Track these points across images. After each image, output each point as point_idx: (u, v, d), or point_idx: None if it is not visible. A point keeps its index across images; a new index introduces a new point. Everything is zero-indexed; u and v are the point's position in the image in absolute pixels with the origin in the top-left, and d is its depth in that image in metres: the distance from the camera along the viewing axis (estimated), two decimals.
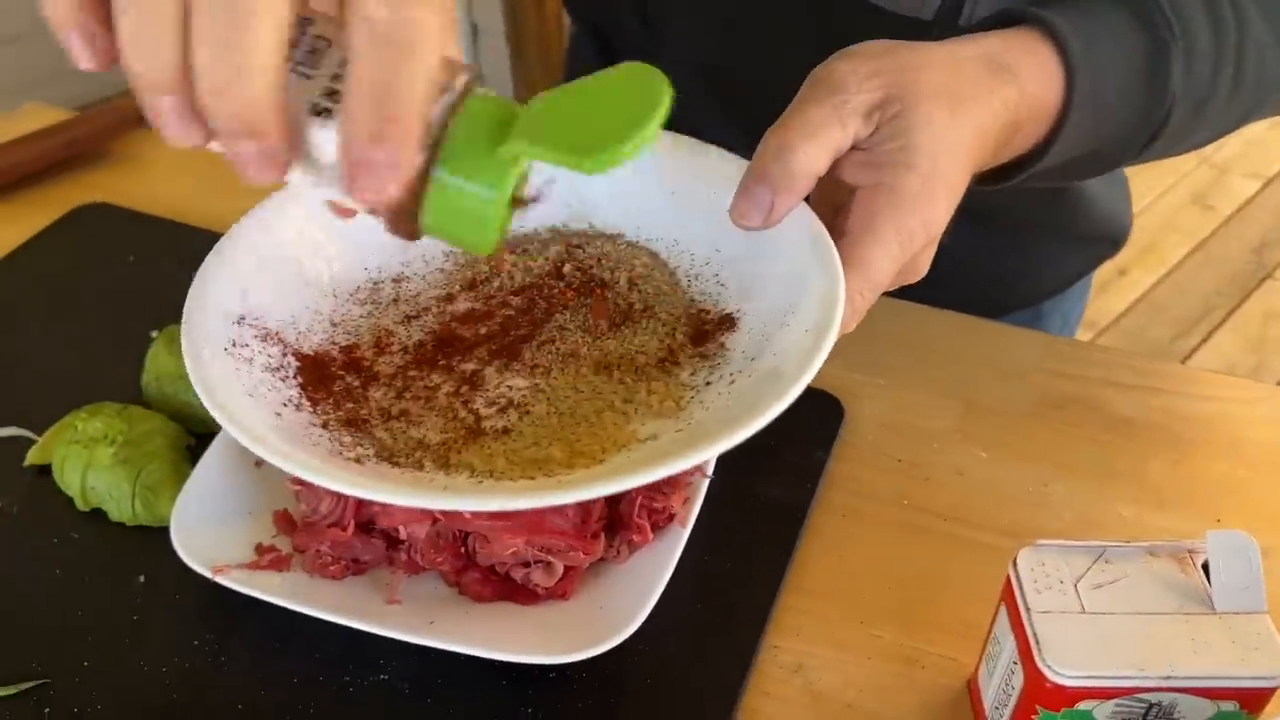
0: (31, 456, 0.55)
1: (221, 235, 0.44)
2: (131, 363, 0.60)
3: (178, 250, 0.71)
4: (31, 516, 0.53)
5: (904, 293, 0.53)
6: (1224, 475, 0.56)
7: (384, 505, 0.49)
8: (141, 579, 0.51)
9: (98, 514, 0.53)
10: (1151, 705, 0.38)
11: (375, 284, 0.48)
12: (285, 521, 0.51)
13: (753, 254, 0.44)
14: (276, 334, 0.44)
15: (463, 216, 0.33)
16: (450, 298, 0.48)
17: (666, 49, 0.70)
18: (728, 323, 0.45)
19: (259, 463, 0.54)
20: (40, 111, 0.83)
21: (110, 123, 0.79)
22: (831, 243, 0.41)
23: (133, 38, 0.29)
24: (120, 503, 0.52)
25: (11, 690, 0.46)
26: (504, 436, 0.42)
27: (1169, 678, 0.37)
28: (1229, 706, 0.38)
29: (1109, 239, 0.77)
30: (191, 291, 0.43)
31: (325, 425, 0.42)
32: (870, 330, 0.48)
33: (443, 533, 0.49)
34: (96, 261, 0.70)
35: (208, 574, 0.47)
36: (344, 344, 0.46)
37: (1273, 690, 0.37)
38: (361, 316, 0.47)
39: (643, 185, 0.48)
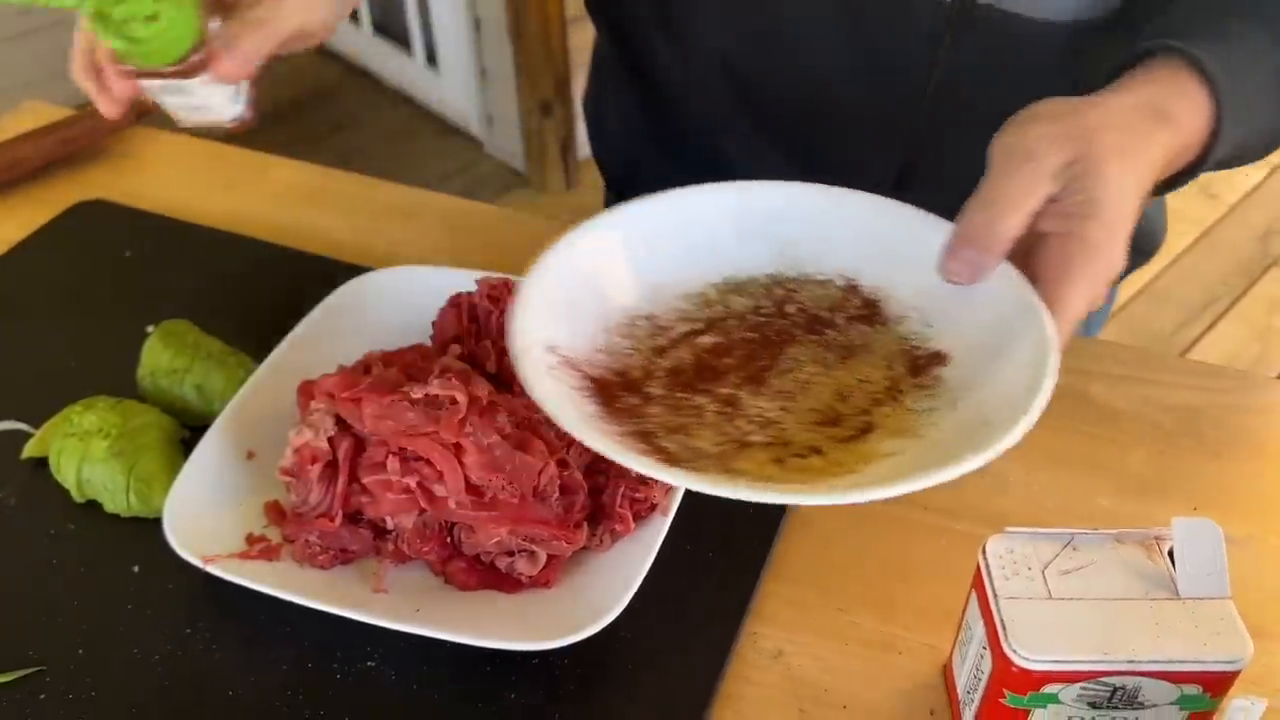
0: (29, 449, 0.57)
1: (215, 231, 0.45)
2: (128, 358, 0.61)
3: (173, 247, 0.73)
4: (28, 508, 0.55)
5: None
6: (1204, 465, 0.56)
7: (371, 497, 0.50)
8: (136, 569, 0.52)
9: (93, 505, 0.54)
10: (1116, 689, 0.38)
11: (633, 320, 0.53)
12: (275, 512, 0.52)
13: (956, 298, 0.49)
14: (570, 360, 0.48)
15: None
16: (695, 333, 0.53)
17: (692, 58, 0.71)
18: (939, 358, 0.50)
19: (250, 454, 0.55)
20: (38, 109, 0.84)
21: (107, 121, 0.80)
22: (1034, 291, 0.46)
23: None
24: (115, 494, 0.53)
25: (9, 677, 0.47)
26: (769, 448, 0.46)
27: (1132, 661, 0.38)
28: (1192, 690, 0.38)
29: (1141, 251, 0.78)
30: (517, 319, 0.47)
31: (622, 437, 0.46)
32: None
33: (429, 523, 0.50)
34: (93, 258, 0.71)
35: (199, 564, 0.49)
36: (618, 370, 0.50)
37: (1235, 674, 0.38)
38: (626, 348, 0.51)
39: (852, 238, 0.54)
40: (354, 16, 2.60)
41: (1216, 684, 0.38)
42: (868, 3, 0.61)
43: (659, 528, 0.50)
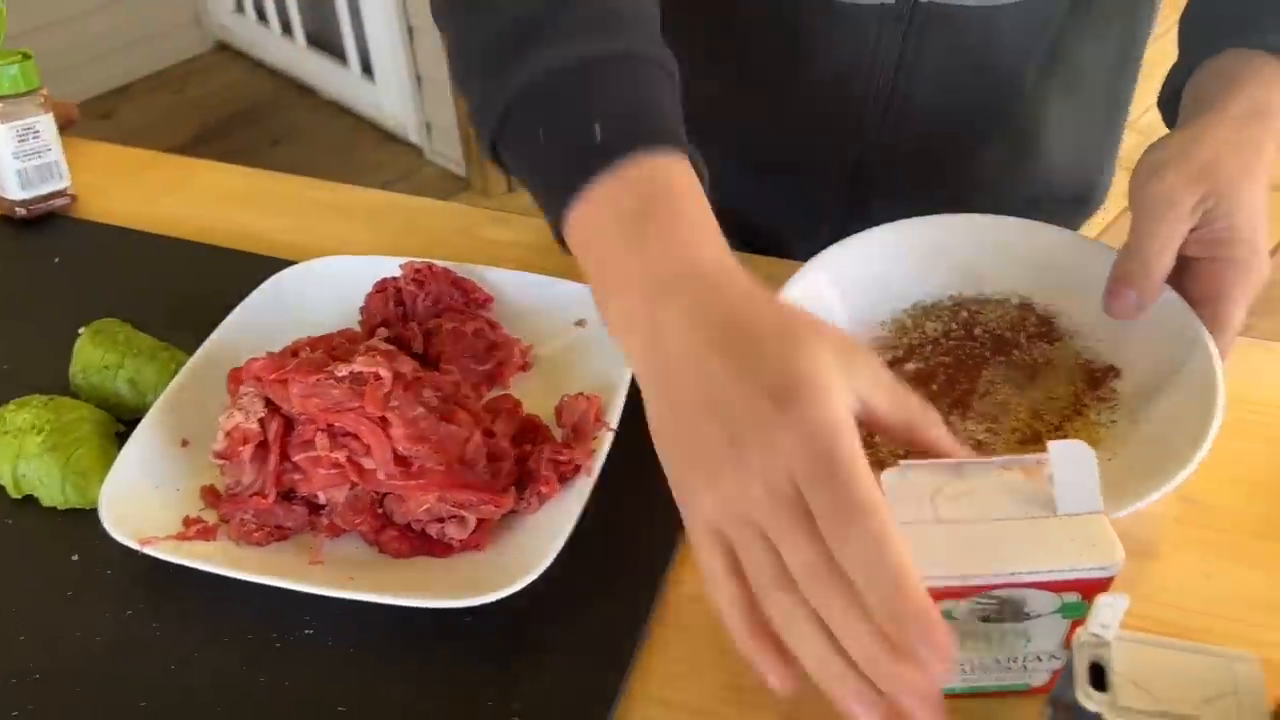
0: None
1: (146, 235, 0.45)
2: (61, 359, 0.62)
3: (105, 252, 0.74)
4: None
5: None
6: None
7: (303, 474, 0.52)
8: (75, 558, 0.53)
9: (30, 500, 0.55)
10: (1003, 601, 0.41)
11: None
12: (211, 495, 0.54)
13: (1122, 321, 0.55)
14: None
15: None
16: (899, 361, 0.58)
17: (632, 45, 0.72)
18: (1113, 372, 0.56)
19: (185, 443, 0.56)
20: None
21: None
22: (1194, 313, 0.53)
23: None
24: (50, 488, 0.54)
25: None
26: None
27: (1015, 574, 0.41)
28: (1071, 598, 0.41)
29: (1085, 200, 0.81)
30: None
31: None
32: None
33: (360, 495, 0.52)
34: (23, 264, 0.72)
35: (136, 546, 0.50)
36: None
37: (1109, 580, 0.41)
38: None
39: (1018, 258, 0.61)
40: (287, 29, 2.60)
41: (1092, 589, 0.41)
42: (815, 9, 0.64)
43: (584, 488, 0.52)
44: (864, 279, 0.60)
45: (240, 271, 0.67)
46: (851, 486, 0.36)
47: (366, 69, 2.45)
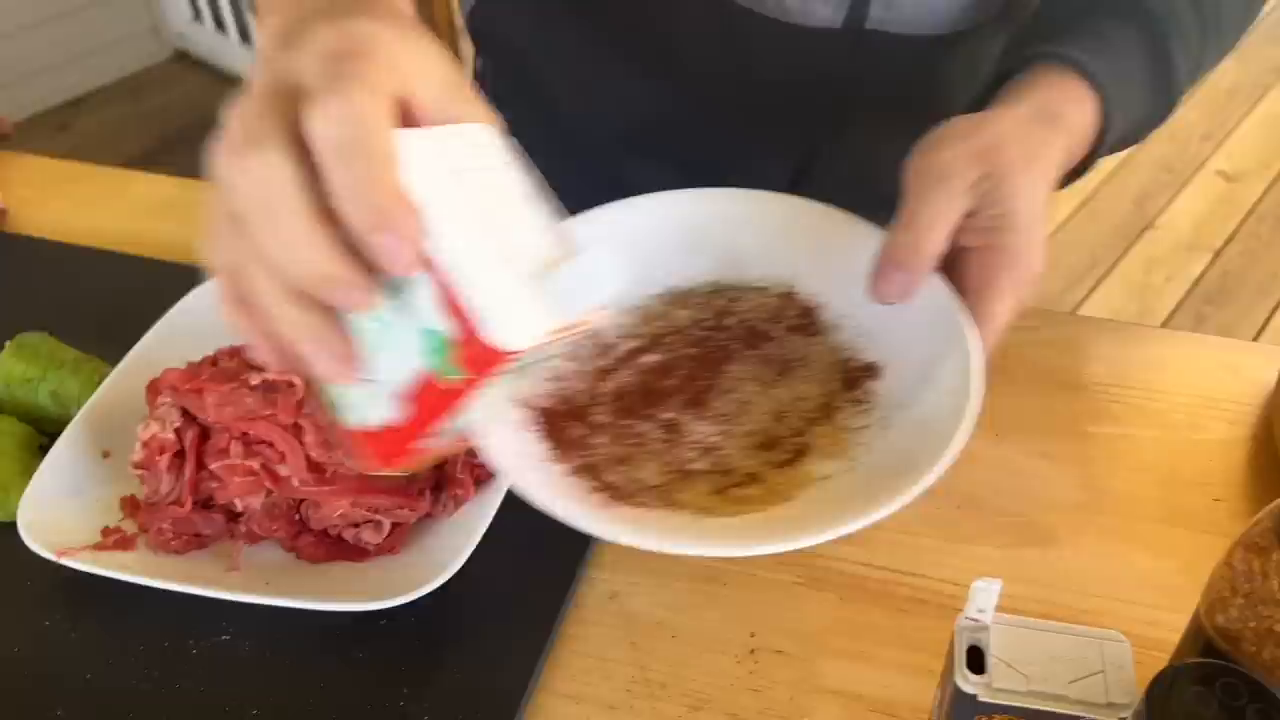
0: None
1: (74, 248, 0.45)
2: None
3: (31, 265, 0.74)
4: None
5: None
6: (1004, 395, 0.61)
7: (219, 482, 0.53)
8: None
9: None
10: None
11: (579, 341, 0.50)
12: (131, 505, 0.54)
13: (888, 309, 0.50)
14: (520, 395, 0.49)
15: None
16: (639, 351, 0.53)
17: (578, 62, 0.72)
18: (872, 370, 0.51)
19: (106, 454, 0.57)
20: None
21: None
22: (961, 305, 0.48)
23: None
24: None
25: None
26: (709, 477, 0.47)
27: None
28: (444, 331, 0.34)
29: None
30: None
31: (575, 473, 0.47)
32: None
33: (277, 502, 0.53)
34: None
35: (52, 557, 0.50)
36: (565, 396, 0.50)
37: (496, 357, 0.34)
38: (573, 371, 0.52)
39: (788, 244, 0.55)
40: (246, 37, 2.59)
41: (477, 356, 0.34)
42: (758, 31, 0.64)
43: (498, 490, 0.53)
44: (614, 259, 0.47)
45: (171, 282, 0.67)
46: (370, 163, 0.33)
47: None
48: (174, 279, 0.69)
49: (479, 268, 0.34)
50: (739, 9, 0.63)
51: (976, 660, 0.40)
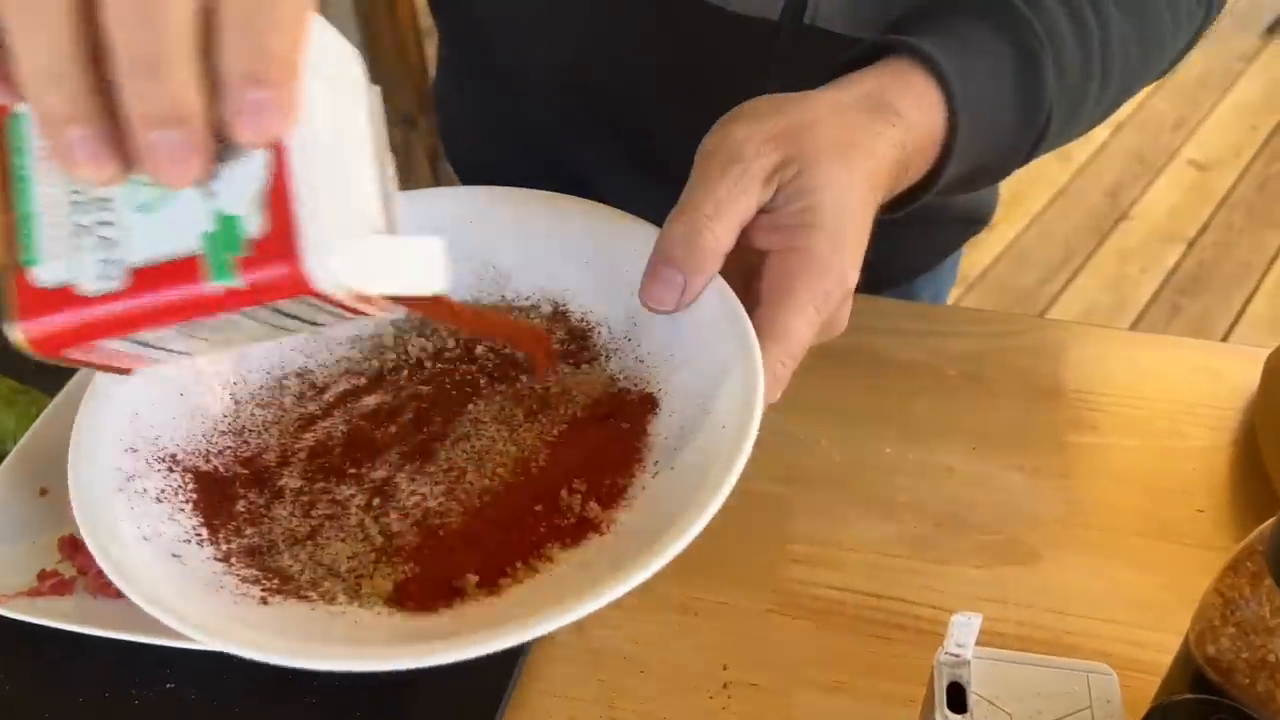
0: None
1: None
2: None
3: None
4: None
5: None
6: (983, 406, 0.60)
7: None
8: None
9: None
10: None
11: (279, 381, 0.44)
12: (70, 546, 0.52)
13: (671, 326, 0.42)
14: (172, 456, 0.41)
15: None
16: (357, 392, 0.44)
17: (529, 64, 0.71)
18: (650, 403, 0.42)
19: (43, 491, 0.54)
20: None
21: None
22: (748, 323, 0.39)
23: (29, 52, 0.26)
24: None
25: None
26: (417, 556, 0.39)
27: None
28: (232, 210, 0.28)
29: (976, 219, 0.81)
30: (77, 426, 0.39)
31: (227, 559, 0.38)
32: None
33: None
34: None
35: None
36: (246, 455, 0.42)
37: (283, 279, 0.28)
38: (266, 421, 0.43)
39: (559, 254, 0.46)
40: None
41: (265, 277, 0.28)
42: (698, 19, 0.62)
43: None
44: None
45: None
46: None
47: None
48: None
49: (326, 181, 0.28)
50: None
51: (958, 698, 0.38)
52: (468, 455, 0.42)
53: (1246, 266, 2.10)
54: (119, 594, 0.49)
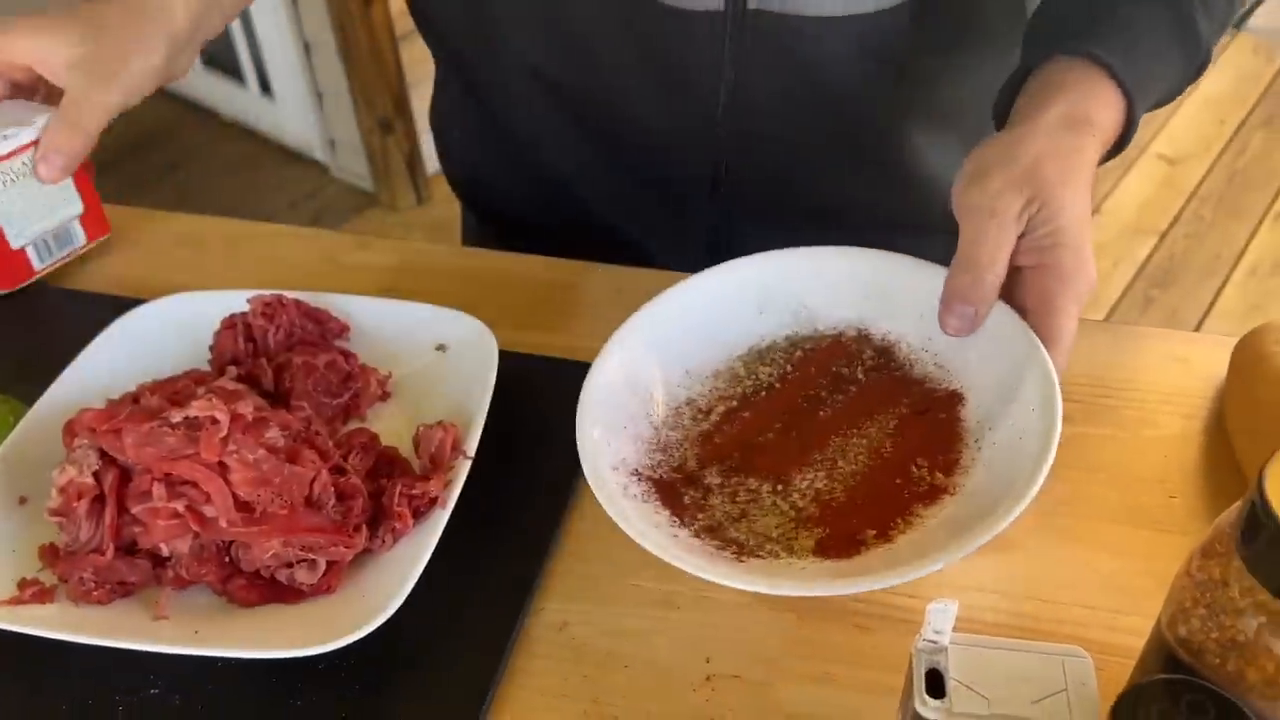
0: None
1: None
2: None
3: None
4: None
5: None
6: None
7: (143, 526, 0.50)
8: None
9: None
10: None
11: (676, 409, 0.57)
12: (50, 554, 0.51)
13: (960, 340, 0.54)
14: (635, 470, 0.53)
15: None
16: (732, 412, 0.56)
17: (509, 70, 0.72)
18: (957, 398, 0.54)
19: (23, 500, 0.54)
20: None
21: None
22: (1026, 325, 0.51)
23: None
24: None
25: None
26: (824, 521, 0.50)
27: None
28: None
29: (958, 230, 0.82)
30: (582, 448, 0.51)
31: (698, 535, 0.50)
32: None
33: (205, 545, 0.50)
34: None
35: None
36: (675, 465, 0.54)
37: None
38: (678, 440, 0.55)
39: (853, 289, 0.58)
40: None
41: None
42: (650, 16, 0.63)
43: (438, 521, 0.51)
44: (690, 331, 0.58)
45: (87, 314, 0.64)
46: None
47: (265, 88, 2.40)
48: (89, 311, 0.66)
49: None
50: None
51: (936, 684, 0.38)
52: (834, 449, 0.54)
53: (1216, 258, 2.13)
54: (103, 599, 0.50)
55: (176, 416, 0.50)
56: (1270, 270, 2.10)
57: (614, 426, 0.53)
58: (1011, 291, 0.52)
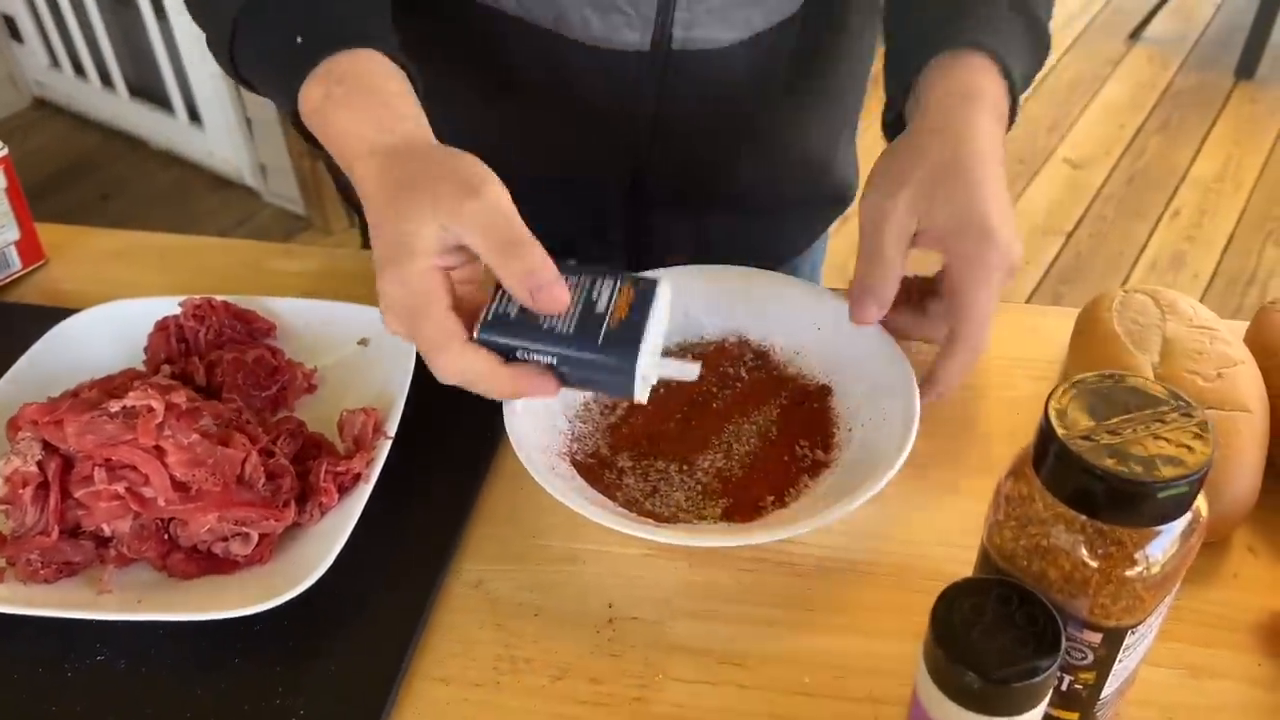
0: None
1: None
2: None
3: None
4: None
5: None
6: None
7: (86, 509, 0.54)
8: None
9: None
10: None
11: (585, 405, 0.63)
12: None
13: (829, 340, 0.63)
14: (559, 453, 0.59)
15: None
16: (636, 406, 0.62)
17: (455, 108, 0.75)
18: (826, 390, 0.63)
19: None
20: None
21: None
22: (881, 327, 0.60)
23: None
24: None
25: None
26: (727, 492, 0.58)
27: None
28: None
29: (842, 199, 0.88)
30: (512, 435, 0.56)
31: (627, 508, 0.57)
32: None
33: (145, 523, 0.54)
34: None
35: None
36: (590, 450, 0.61)
37: None
38: (590, 431, 0.62)
39: (731, 302, 0.67)
40: (107, 81, 2.54)
41: None
42: (570, 50, 0.67)
43: (362, 495, 0.56)
44: None
45: (25, 325, 0.68)
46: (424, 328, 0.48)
47: (194, 116, 2.42)
48: (27, 322, 0.69)
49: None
50: (555, 36, 0.67)
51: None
52: (729, 435, 0.62)
53: (1119, 255, 2.25)
54: (50, 578, 0.54)
55: (115, 406, 0.54)
56: (1168, 265, 2.22)
57: (536, 420, 0.59)
58: (937, 280, 0.58)
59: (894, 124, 0.64)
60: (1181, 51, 2.90)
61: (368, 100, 0.53)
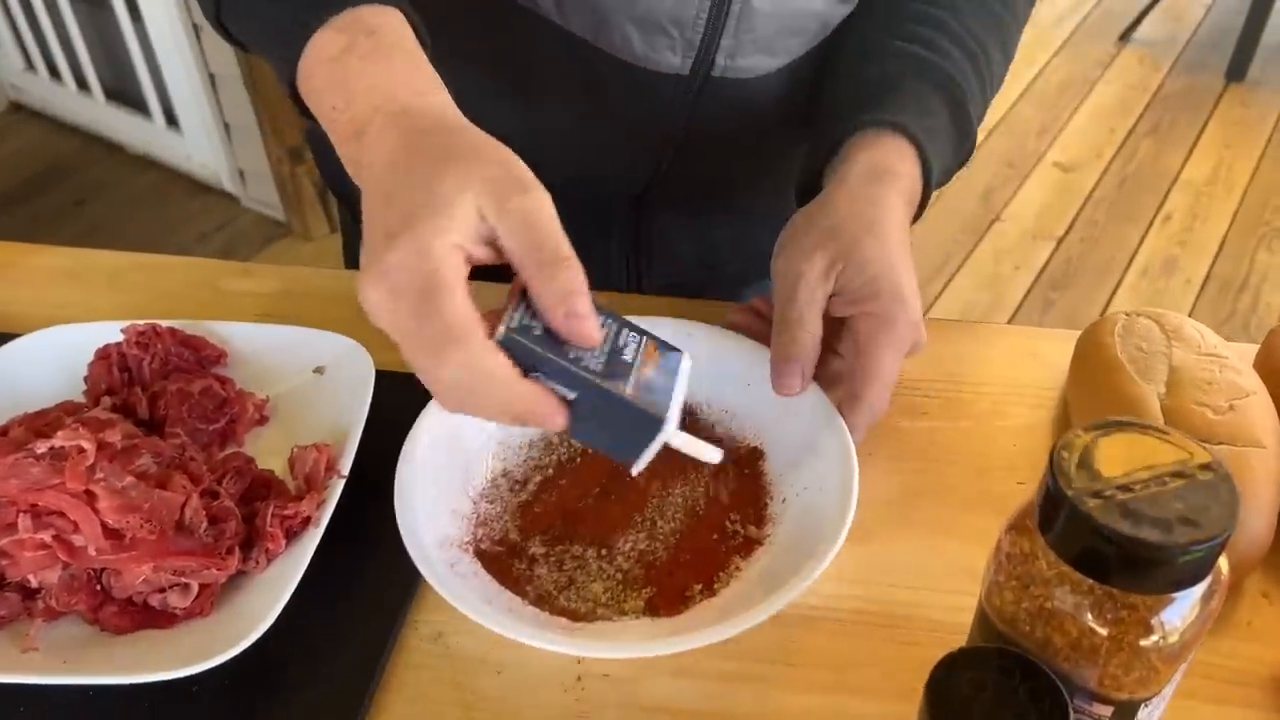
0: None
1: None
2: None
3: None
4: None
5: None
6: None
7: (9, 558, 0.50)
8: None
9: None
10: None
11: (493, 481, 0.57)
12: None
13: (750, 401, 0.58)
14: (463, 544, 0.53)
15: None
16: (549, 481, 0.57)
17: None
18: (758, 454, 0.58)
19: None
20: None
21: None
22: (817, 386, 0.56)
23: None
24: None
25: None
26: (650, 580, 0.52)
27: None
28: None
29: None
30: (403, 528, 0.50)
31: (537, 604, 0.51)
32: None
33: (76, 574, 0.50)
34: None
35: None
36: (498, 538, 0.54)
37: None
38: (497, 513, 0.56)
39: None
40: (83, 85, 2.49)
41: None
42: (608, 66, 0.65)
43: (312, 540, 0.52)
44: None
45: None
46: (440, 312, 0.41)
47: (171, 120, 2.37)
48: None
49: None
50: (593, 48, 0.64)
51: None
52: (652, 510, 0.56)
53: (1110, 260, 2.22)
54: None
55: (41, 447, 0.50)
56: (1160, 270, 2.19)
57: (434, 504, 0.53)
58: (842, 339, 0.56)
59: (807, 188, 0.62)
60: (1172, 53, 2.87)
61: (401, 59, 0.48)
